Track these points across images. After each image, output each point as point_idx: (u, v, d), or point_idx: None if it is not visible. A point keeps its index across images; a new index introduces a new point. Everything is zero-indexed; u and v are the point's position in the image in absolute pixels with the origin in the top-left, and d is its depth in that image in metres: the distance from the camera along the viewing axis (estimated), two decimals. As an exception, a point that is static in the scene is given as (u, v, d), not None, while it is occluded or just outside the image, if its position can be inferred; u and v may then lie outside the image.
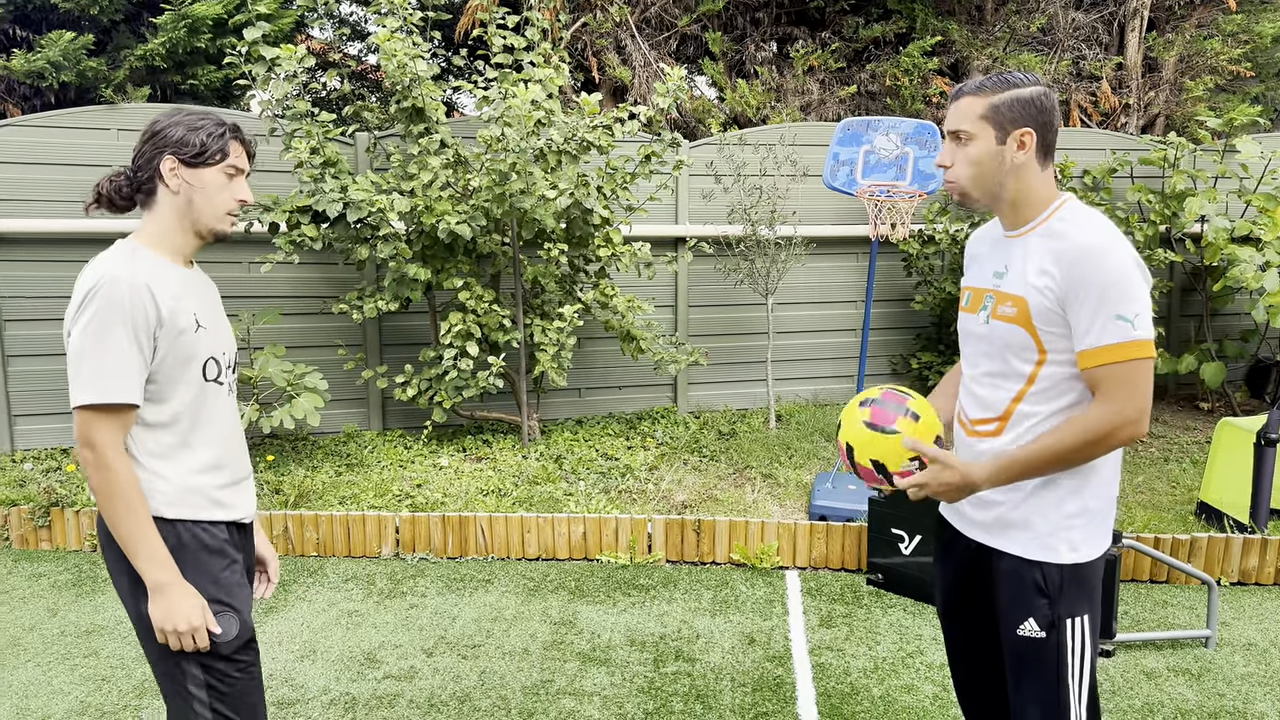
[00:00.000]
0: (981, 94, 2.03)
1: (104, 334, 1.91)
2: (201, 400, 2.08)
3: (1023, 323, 2.03)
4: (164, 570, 1.97)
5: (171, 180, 2.03)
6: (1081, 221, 1.99)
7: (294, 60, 5.35)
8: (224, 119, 2.09)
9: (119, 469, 1.94)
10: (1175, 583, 4.53)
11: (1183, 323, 7.59)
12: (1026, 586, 2.08)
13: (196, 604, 1.99)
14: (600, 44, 9.42)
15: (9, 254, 5.79)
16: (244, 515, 2.20)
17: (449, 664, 3.76)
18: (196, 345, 2.05)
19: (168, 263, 2.06)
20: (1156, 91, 9.85)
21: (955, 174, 2.09)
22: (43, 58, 6.67)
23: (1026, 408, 2.05)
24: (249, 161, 2.15)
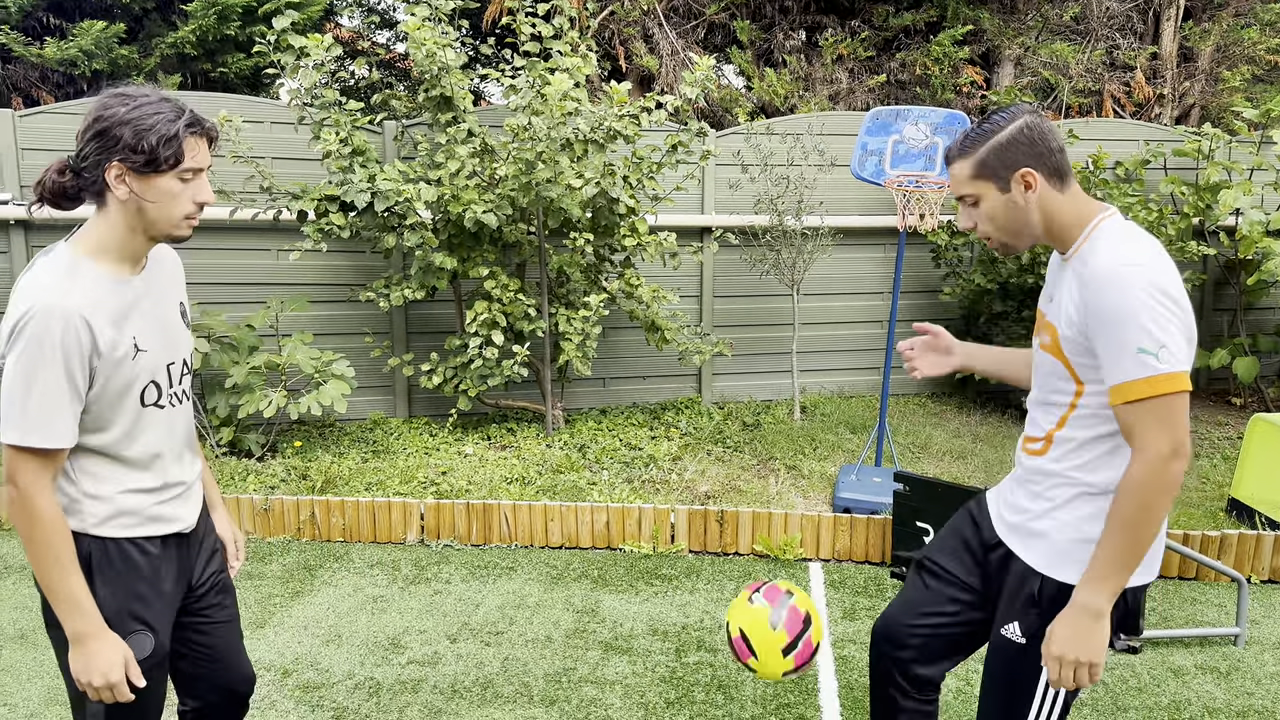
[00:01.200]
0: (965, 156, 2.01)
1: (33, 372, 1.78)
2: (139, 424, 1.98)
3: (1055, 352, 2.00)
4: (86, 620, 1.88)
5: (119, 188, 1.85)
6: (1110, 244, 1.90)
7: (322, 49, 5.37)
8: (178, 112, 1.85)
9: (41, 513, 1.83)
10: (1205, 580, 4.48)
11: (1215, 317, 7.49)
12: (1024, 592, 2.07)
13: (117, 657, 1.91)
14: (627, 32, 9.40)
15: (42, 240, 5.86)
16: (185, 525, 2.12)
17: (472, 650, 3.79)
18: (135, 372, 1.94)
19: (110, 277, 1.90)
20: (1192, 82, 9.70)
21: (983, 232, 2.07)
22: (75, 46, 6.74)
23: (1067, 432, 2.03)
24: (210, 150, 1.94)
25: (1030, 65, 9.37)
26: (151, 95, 1.87)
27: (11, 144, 5.73)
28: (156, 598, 2.05)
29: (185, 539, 2.17)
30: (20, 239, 5.79)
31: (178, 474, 2.11)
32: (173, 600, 2.10)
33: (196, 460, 2.24)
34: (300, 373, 5.64)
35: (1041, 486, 2.10)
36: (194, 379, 5.55)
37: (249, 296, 6.18)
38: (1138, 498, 1.84)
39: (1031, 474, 2.13)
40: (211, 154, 1.96)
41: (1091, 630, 1.89)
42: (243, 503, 4.89)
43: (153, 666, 2.04)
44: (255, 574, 4.49)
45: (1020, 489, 2.17)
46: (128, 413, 1.96)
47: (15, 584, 4.38)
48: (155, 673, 2.06)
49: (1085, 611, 1.89)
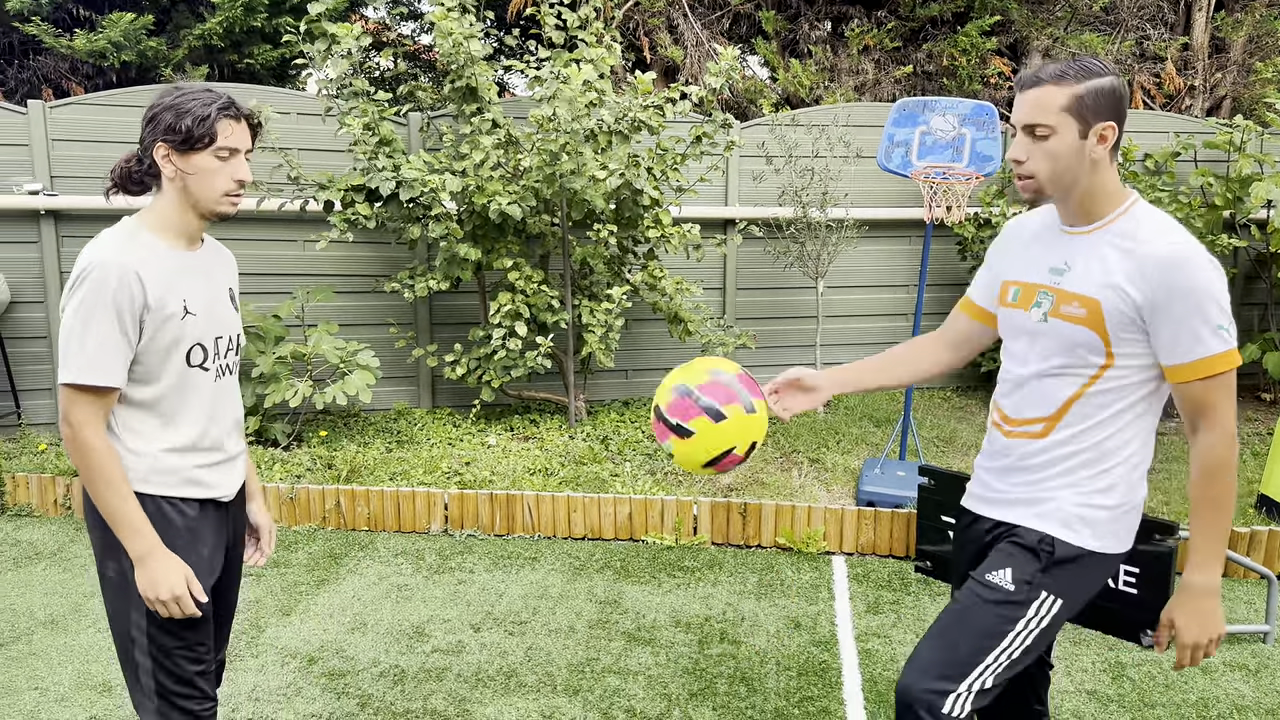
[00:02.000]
0: (1064, 83, 1.88)
1: (90, 317, 1.95)
2: (184, 384, 2.11)
3: (1093, 325, 1.92)
4: (145, 540, 2.02)
5: (166, 167, 2.04)
6: (1160, 226, 1.89)
7: (351, 39, 5.39)
8: (214, 98, 2.04)
9: (95, 446, 1.98)
10: (1233, 576, 4.43)
11: (1246, 311, 7.39)
12: (1025, 549, 2.01)
13: (178, 572, 2.04)
14: (652, 23, 9.38)
15: (72, 230, 5.92)
16: (223, 494, 2.22)
17: (496, 639, 3.80)
18: (183, 331, 2.07)
19: (166, 246, 2.08)
20: (1223, 73, 9.57)
21: (1030, 169, 1.94)
22: (104, 38, 6.80)
23: (1083, 408, 1.97)
24: (252, 136, 2.11)
25: (1059, 56, 9.27)
26: (198, 86, 2.07)
27: (42, 135, 5.79)
28: (195, 559, 2.12)
29: (224, 509, 2.25)
30: (51, 229, 5.86)
31: (220, 441, 2.20)
32: (210, 565, 2.17)
33: (240, 436, 2.31)
34: (326, 363, 5.68)
35: (1042, 469, 2.04)
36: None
37: (275, 287, 6.22)
38: (1225, 474, 1.90)
39: (1025, 458, 2.06)
40: (255, 142, 2.12)
41: (1215, 608, 1.95)
42: (269, 491, 4.93)
43: (185, 625, 2.11)
44: (281, 562, 4.52)
45: (1010, 473, 2.09)
46: (174, 369, 2.08)
47: (45, 569, 4.44)
48: (202, 629, 2.13)
49: (1206, 593, 1.94)
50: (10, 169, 5.79)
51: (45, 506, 5.15)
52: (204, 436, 2.16)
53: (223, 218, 2.12)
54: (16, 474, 5.18)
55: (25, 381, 5.99)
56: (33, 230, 5.87)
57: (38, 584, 4.29)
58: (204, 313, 2.13)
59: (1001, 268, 2.18)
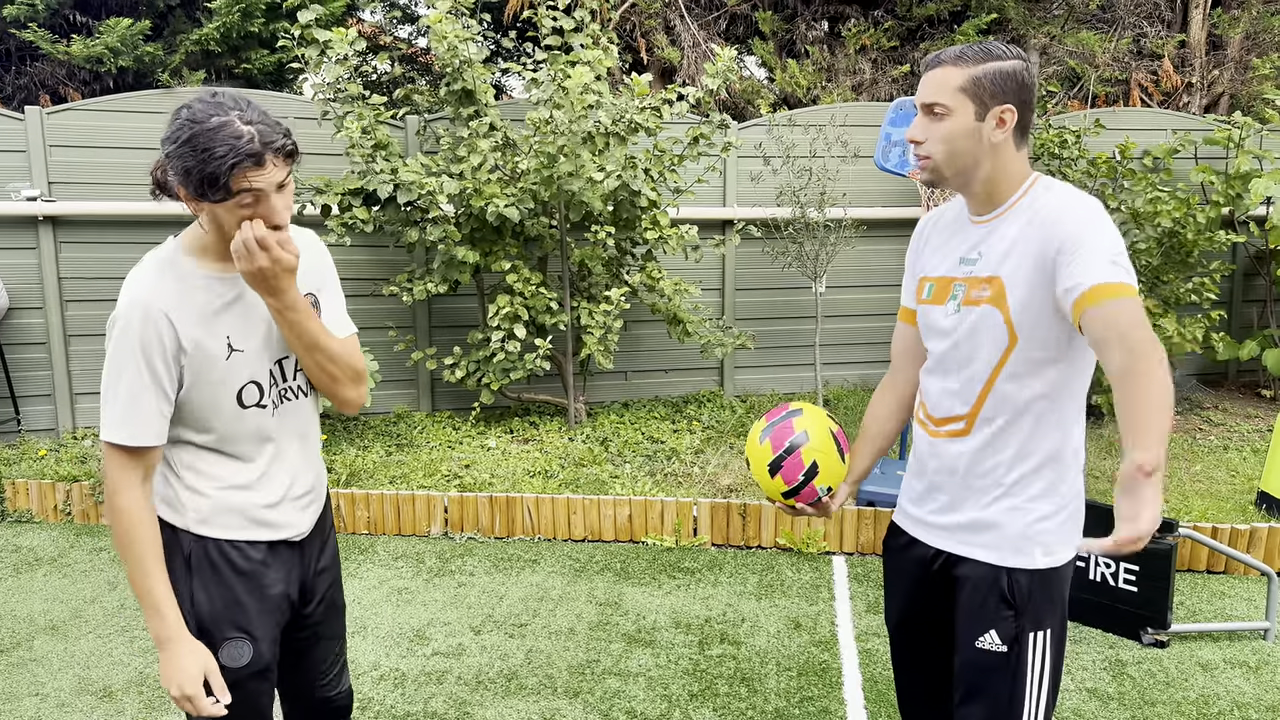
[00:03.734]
0: (961, 64, 1.85)
1: (121, 368, 1.79)
2: (242, 425, 1.92)
3: (996, 302, 1.87)
4: (165, 624, 1.83)
5: (191, 206, 1.81)
6: (1057, 191, 1.87)
7: (345, 43, 5.39)
8: (229, 147, 1.70)
9: (127, 512, 1.81)
10: (1233, 573, 4.43)
11: (1245, 308, 7.39)
12: (991, 595, 1.91)
13: (196, 667, 1.84)
14: (649, 24, 9.38)
15: (70, 236, 5.92)
16: (296, 533, 2.04)
17: (496, 642, 3.80)
18: (230, 372, 1.87)
19: (210, 275, 1.87)
20: (1221, 70, 9.57)
21: (928, 150, 1.90)
22: (101, 43, 6.80)
23: (998, 400, 1.90)
24: (286, 167, 1.79)
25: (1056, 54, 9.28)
26: (215, 122, 1.72)
27: (40, 141, 5.79)
28: (257, 606, 1.96)
29: (296, 547, 2.07)
30: (49, 234, 5.86)
31: (287, 477, 2.02)
32: (278, 609, 2.01)
33: (316, 464, 2.12)
34: (324, 366, 5.67)
35: (971, 475, 1.96)
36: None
37: (274, 291, 6.21)
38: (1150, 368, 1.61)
39: (952, 460, 1.99)
40: (292, 167, 1.82)
41: (1158, 492, 1.59)
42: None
43: (250, 676, 1.95)
44: (281, 566, 4.52)
45: (939, 483, 2.03)
46: (225, 413, 1.90)
47: (46, 576, 4.44)
48: (254, 683, 1.97)
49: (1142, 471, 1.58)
50: (8, 175, 5.79)
51: (45, 512, 5.15)
52: (270, 476, 1.98)
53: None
54: (16, 480, 5.18)
55: (24, 388, 6.00)
56: (31, 236, 5.87)
57: (38, 590, 4.29)
58: (257, 344, 1.91)
59: (918, 266, 2.13)
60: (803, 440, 2.09)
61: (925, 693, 2.21)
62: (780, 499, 2.15)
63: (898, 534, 2.17)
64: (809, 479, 2.10)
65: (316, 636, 2.17)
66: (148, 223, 6.00)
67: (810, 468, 2.09)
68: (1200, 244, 6.19)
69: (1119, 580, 3.84)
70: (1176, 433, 6.16)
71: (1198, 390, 7.11)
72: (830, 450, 2.11)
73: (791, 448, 2.09)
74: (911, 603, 2.15)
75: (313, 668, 2.19)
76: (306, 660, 2.18)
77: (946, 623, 2.06)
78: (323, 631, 2.18)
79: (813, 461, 2.09)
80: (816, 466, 2.09)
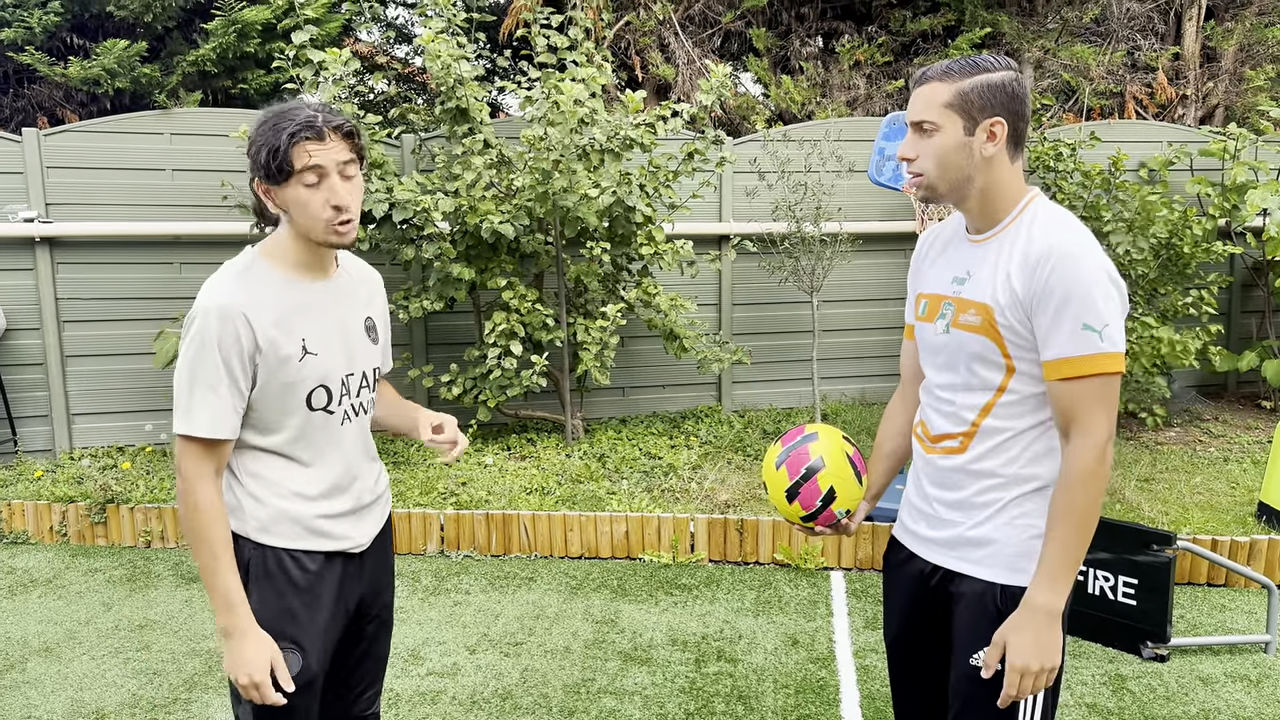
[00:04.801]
0: (948, 79, 1.84)
1: (197, 364, 1.85)
2: (309, 429, 1.96)
3: (987, 331, 1.86)
4: (235, 616, 1.87)
5: (268, 201, 1.91)
6: (1050, 221, 1.84)
7: (340, 63, 5.41)
8: (288, 122, 1.83)
9: (200, 506, 1.85)
10: (1234, 586, 4.40)
11: (1244, 319, 7.38)
12: (986, 612, 1.90)
13: (264, 656, 1.89)
14: (643, 42, 9.42)
15: (67, 257, 5.93)
16: (355, 545, 2.05)
17: (491, 661, 3.78)
18: (301, 374, 1.93)
19: (283, 278, 1.94)
20: (1215, 82, 9.59)
21: (920, 167, 1.89)
22: (99, 65, 6.83)
23: (995, 422, 1.89)
24: (351, 146, 1.89)
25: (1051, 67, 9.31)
26: (283, 108, 1.88)
27: (37, 163, 5.81)
28: (311, 618, 1.97)
29: (355, 560, 2.08)
30: (46, 256, 5.86)
31: (349, 488, 2.05)
32: (331, 623, 2.02)
33: (378, 478, 2.16)
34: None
35: (968, 491, 1.94)
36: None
37: (270, 310, 6.22)
38: (1089, 486, 1.77)
39: (948, 476, 1.98)
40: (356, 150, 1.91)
41: (1053, 633, 1.80)
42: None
43: (299, 688, 1.96)
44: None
45: (935, 496, 2.01)
46: (294, 416, 1.94)
47: (41, 597, 4.42)
48: (300, 696, 1.97)
49: (1045, 614, 1.79)
50: (6, 197, 5.80)
51: (41, 534, 5.14)
52: (333, 486, 2.01)
53: (339, 247, 1.95)
54: (12, 501, 5.17)
55: (21, 409, 5.99)
56: (28, 257, 5.87)
57: (32, 612, 4.27)
58: (329, 351, 1.97)
59: (915, 282, 2.13)
60: (819, 465, 2.08)
61: (922, 709, 2.18)
62: (799, 522, 2.15)
63: (897, 549, 2.16)
64: (827, 503, 2.09)
65: (365, 655, 2.19)
66: (145, 243, 6.00)
67: (828, 493, 2.08)
68: (1197, 255, 6.19)
69: (1118, 594, 3.82)
70: (1177, 445, 6.15)
71: (1197, 402, 7.10)
72: (847, 475, 2.10)
73: (808, 474, 2.09)
74: (909, 618, 2.13)
75: (354, 686, 2.20)
76: (352, 677, 2.19)
77: (944, 638, 2.04)
78: (371, 650, 2.20)
79: (830, 487, 2.08)
80: (834, 492, 2.08)
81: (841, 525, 2.15)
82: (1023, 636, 1.80)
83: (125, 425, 6.14)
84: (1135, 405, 6.30)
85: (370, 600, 2.15)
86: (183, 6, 7.23)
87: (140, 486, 5.32)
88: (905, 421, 2.24)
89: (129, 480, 5.43)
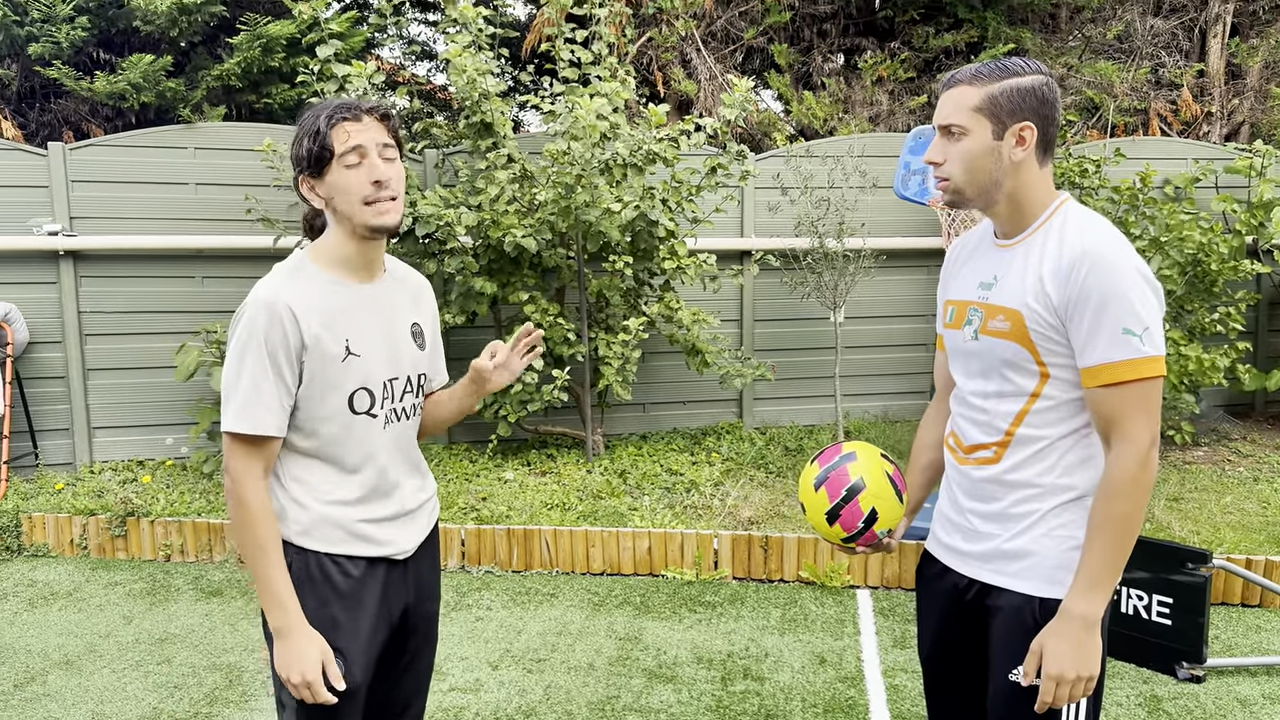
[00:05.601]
0: (977, 83, 1.82)
1: (244, 359, 1.84)
2: (350, 432, 1.94)
3: (1018, 338, 1.83)
4: (286, 615, 1.85)
5: (313, 198, 1.92)
6: (1083, 224, 1.80)
7: (364, 77, 5.42)
8: (323, 109, 1.88)
9: (249, 503, 1.84)
10: (1268, 606, 4.32)
11: (1272, 338, 7.29)
12: (1024, 625, 1.85)
13: (315, 654, 1.86)
14: (666, 58, 9.43)
15: (90, 270, 5.94)
16: (397, 551, 2.02)
17: (514, 677, 3.73)
18: (345, 375, 1.91)
19: (334, 279, 1.94)
20: (1240, 99, 9.53)
21: (947, 171, 1.87)
22: (124, 79, 6.88)
23: (1030, 430, 1.85)
24: (386, 128, 1.91)
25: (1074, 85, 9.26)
26: (316, 106, 1.92)
27: (62, 177, 5.84)
28: (352, 625, 1.94)
29: (398, 567, 2.05)
30: (70, 269, 5.88)
31: (392, 493, 2.02)
32: (374, 631, 1.98)
33: (423, 485, 2.13)
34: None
35: (1004, 502, 1.90)
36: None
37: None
38: (1131, 494, 1.73)
39: (982, 488, 1.93)
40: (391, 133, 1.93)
41: (1091, 642, 1.76)
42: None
43: (343, 698, 1.92)
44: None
45: (970, 509, 1.97)
46: (336, 416, 1.93)
47: (61, 610, 4.40)
48: (342, 704, 1.93)
49: (1083, 622, 1.75)
50: (31, 210, 5.83)
51: (61, 547, 5.13)
52: (375, 490, 1.98)
53: (381, 231, 1.92)
54: (33, 514, 5.17)
55: (43, 422, 6.00)
56: (52, 271, 5.89)
57: (53, 625, 4.25)
58: (373, 353, 1.96)
59: (943, 290, 2.09)
60: (861, 486, 2.03)
61: None
62: (839, 544, 2.10)
63: (931, 562, 2.11)
64: (869, 525, 2.04)
65: (407, 669, 2.14)
66: (168, 257, 6.02)
67: (870, 514, 2.03)
68: (1224, 273, 6.12)
69: (1153, 613, 3.75)
70: (1205, 464, 6.06)
71: (1225, 421, 7.00)
72: (889, 494, 2.05)
73: (849, 495, 2.03)
74: (944, 633, 2.08)
75: (398, 700, 2.15)
76: (394, 693, 2.14)
77: (980, 654, 1.99)
78: (414, 665, 2.15)
79: (872, 508, 2.03)
80: (876, 513, 2.03)
81: (883, 544, 2.10)
82: (1060, 644, 1.76)
83: (146, 439, 6.14)
84: (1164, 423, 6.22)
85: (415, 612, 2.11)
86: (208, 22, 7.28)
87: (160, 500, 5.31)
88: (941, 433, 2.19)
89: (149, 494, 5.42)
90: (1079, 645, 1.75)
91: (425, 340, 2.11)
